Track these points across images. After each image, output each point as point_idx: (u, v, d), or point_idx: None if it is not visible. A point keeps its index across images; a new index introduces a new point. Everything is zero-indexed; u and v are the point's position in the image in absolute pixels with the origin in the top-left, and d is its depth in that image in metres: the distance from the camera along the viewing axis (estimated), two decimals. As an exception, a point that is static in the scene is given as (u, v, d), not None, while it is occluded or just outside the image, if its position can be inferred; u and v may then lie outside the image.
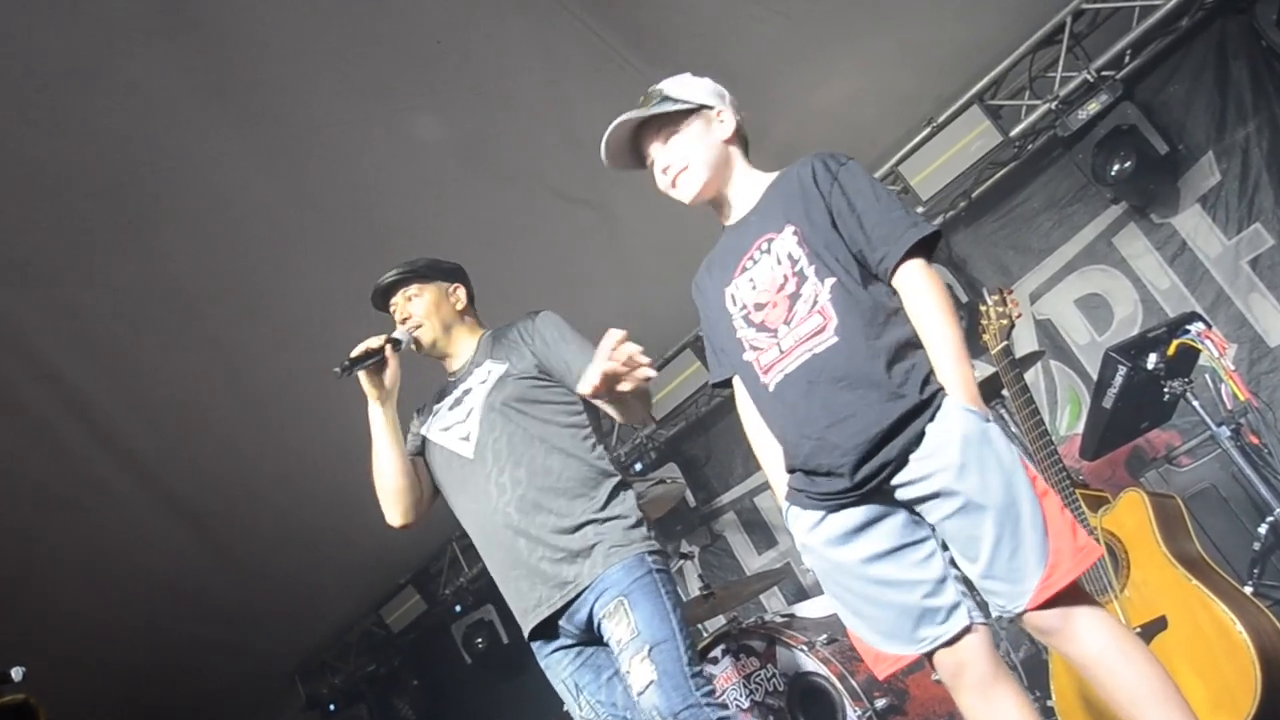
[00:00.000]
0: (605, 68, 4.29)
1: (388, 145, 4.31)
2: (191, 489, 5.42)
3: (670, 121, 2.28)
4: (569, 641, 2.61)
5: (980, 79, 4.91)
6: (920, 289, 2.01)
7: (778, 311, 2.12)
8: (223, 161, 4.08)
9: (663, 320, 5.83)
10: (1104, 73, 4.68)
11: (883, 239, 2.03)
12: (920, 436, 1.94)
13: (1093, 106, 4.64)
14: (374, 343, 2.69)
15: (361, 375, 2.67)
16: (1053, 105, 4.80)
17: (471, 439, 2.68)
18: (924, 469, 1.94)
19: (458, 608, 7.37)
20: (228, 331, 4.77)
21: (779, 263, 2.13)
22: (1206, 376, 4.09)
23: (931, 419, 1.94)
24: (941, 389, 1.96)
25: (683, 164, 2.26)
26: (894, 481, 1.98)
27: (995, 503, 1.88)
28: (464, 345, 2.87)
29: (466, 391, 2.75)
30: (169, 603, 5.97)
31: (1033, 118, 4.90)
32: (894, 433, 1.96)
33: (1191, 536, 3.28)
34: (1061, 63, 4.80)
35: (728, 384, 2.31)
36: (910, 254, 2.02)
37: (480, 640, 7.22)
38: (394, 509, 2.77)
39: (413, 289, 2.89)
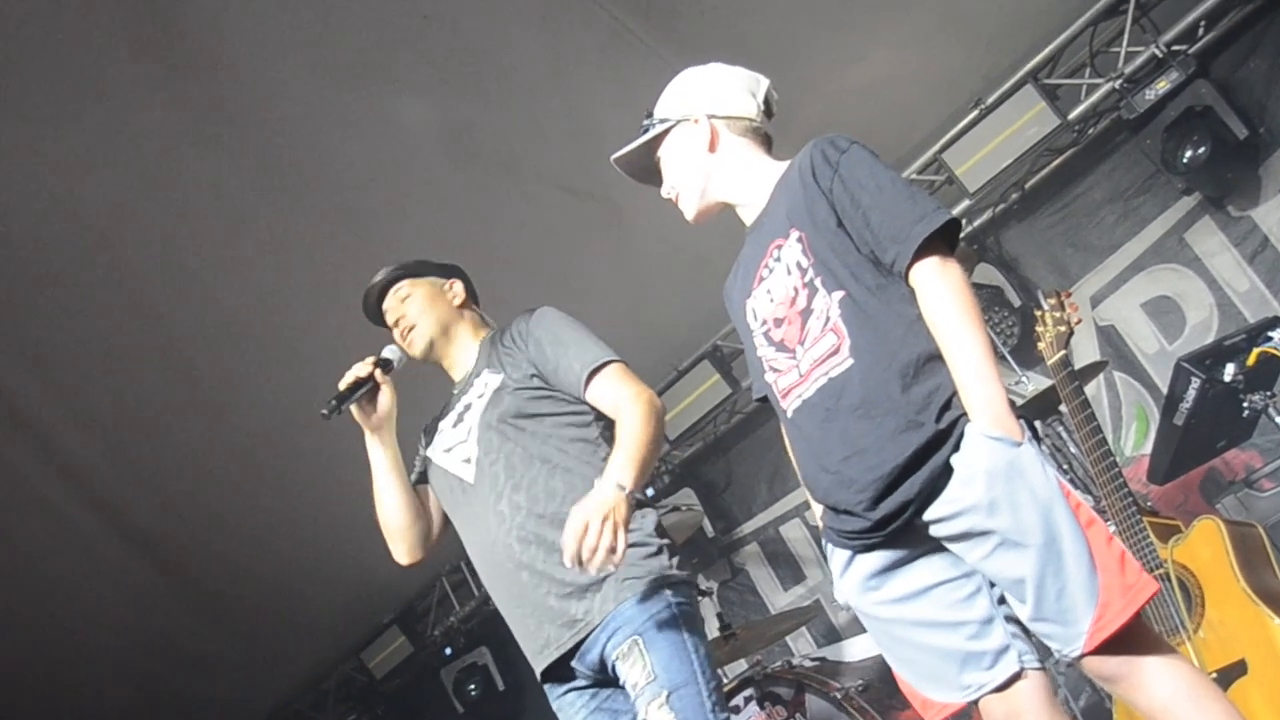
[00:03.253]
0: (612, 44, 4.31)
1: (369, 132, 4.33)
2: (149, 518, 5.43)
3: (656, 145, 2.39)
4: (583, 683, 2.60)
5: (1035, 54, 4.91)
6: (934, 293, 1.97)
7: (793, 329, 2.12)
8: (180, 151, 4.11)
9: (676, 326, 5.83)
10: (1175, 47, 4.68)
11: (892, 237, 2.00)
12: (944, 470, 1.92)
13: (1162, 85, 4.63)
14: (361, 370, 2.71)
15: (353, 409, 2.70)
16: (1117, 84, 4.80)
17: (472, 461, 2.68)
18: (951, 508, 1.93)
19: (448, 651, 7.37)
20: (186, 341, 4.78)
21: (789, 273, 2.13)
22: (1291, 389, 4.08)
23: (956, 448, 1.92)
24: (964, 414, 1.93)
25: (674, 191, 2.37)
26: (924, 518, 1.97)
27: (1034, 540, 1.87)
28: (465, 349, 2.88)
29: (467, 407, 2.76)
30: (127, 646, 5.99)
31: (1094, 98, 4.89)
32: (912, 467, 1.94)
33: (1275, 570, 3.27)
34: (1127, 36, 4.80)
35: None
36: (923, 251, 1.98)
37: (473, 687, 7.21)
38: (400, 546, 2.82)
39: (404, 288, 2.89)
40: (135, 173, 4.13)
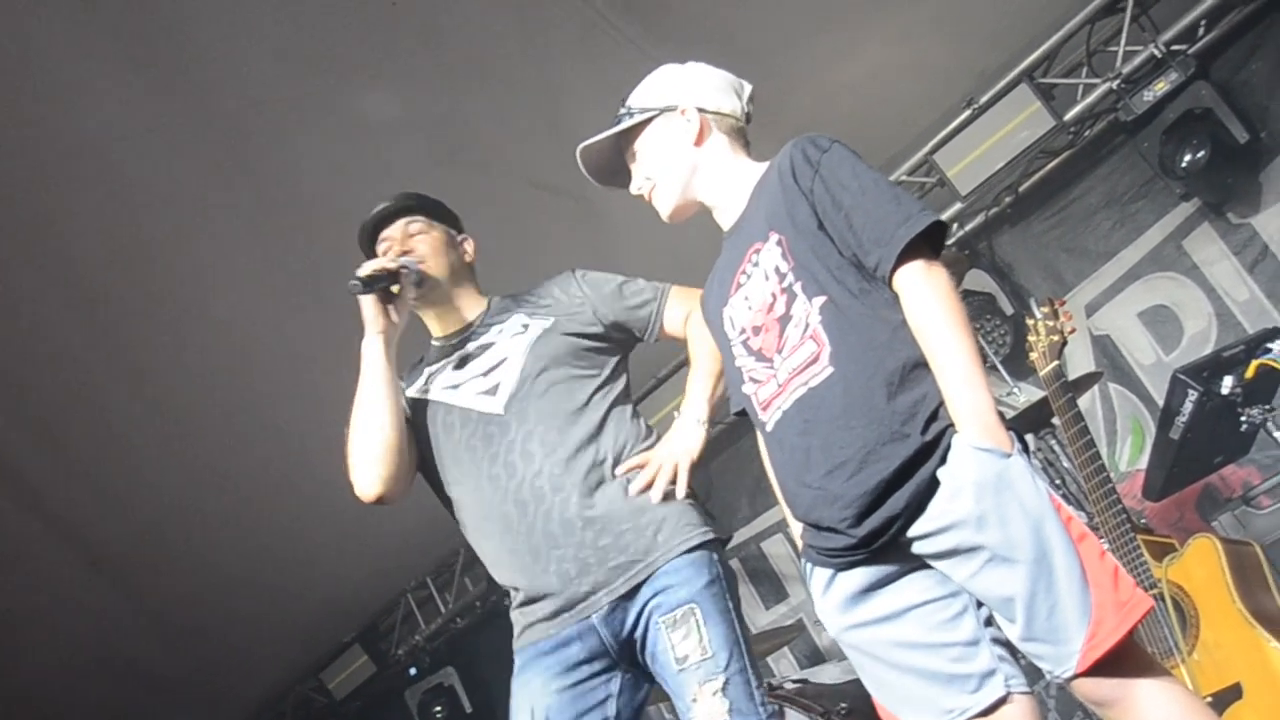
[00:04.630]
0: (591, 36, 4.31)
1: (336, 125, 4.31)
2: (102, 533, 5.39)
3: (633, 136, 2.36)
4: (577, 656, 2.48)
5: (1030, 52, 4.94)
6: (919, 298, 1.96)
7: (771, 337, 2.11)
8: (137, 140, 4.08)
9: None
10: (1174, 47, 4.71)
11: (875, 240, 1.99)
12: (931, 484, 1.92)
13: (1161, 86, 4.66)
14: (390, 263, 2.61)
15: (369, 298, 2.58)
16: (1114, 85, 4.83)
17: (502, 392, 2.58)
18: (937, 523, 1.92)
19: (412, 670, 7.35)
20: (139, 345, 4.76)
21: (767, 278, 2.12)
22: (1291, 403, 4.11)
23: (942, 461, 1.92)
24: (951, 425, 1.93)
25: (650, 182, 2.35)
26: (908, 534, 1.97)
27: (1025, 556, 1.87)
28: (468, 303, 2.80)
29: (485, 346, 2.68)
30: (81, 668, 5.94)
31: (1090, 99, 4.92)
32: (899, 481, 1.93)
33: (1272, 590, 3.29)
34: (1125, 35, 4.83)
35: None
36: (908, 255, 1.97)
37: (439, 709, 7.20)
38: (373, 472, 2.57)
39: (418, 222, 2.79)
40: (90, 165, 4.10)
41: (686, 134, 2.31)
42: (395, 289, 2.63)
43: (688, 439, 2.54)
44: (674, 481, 2.47)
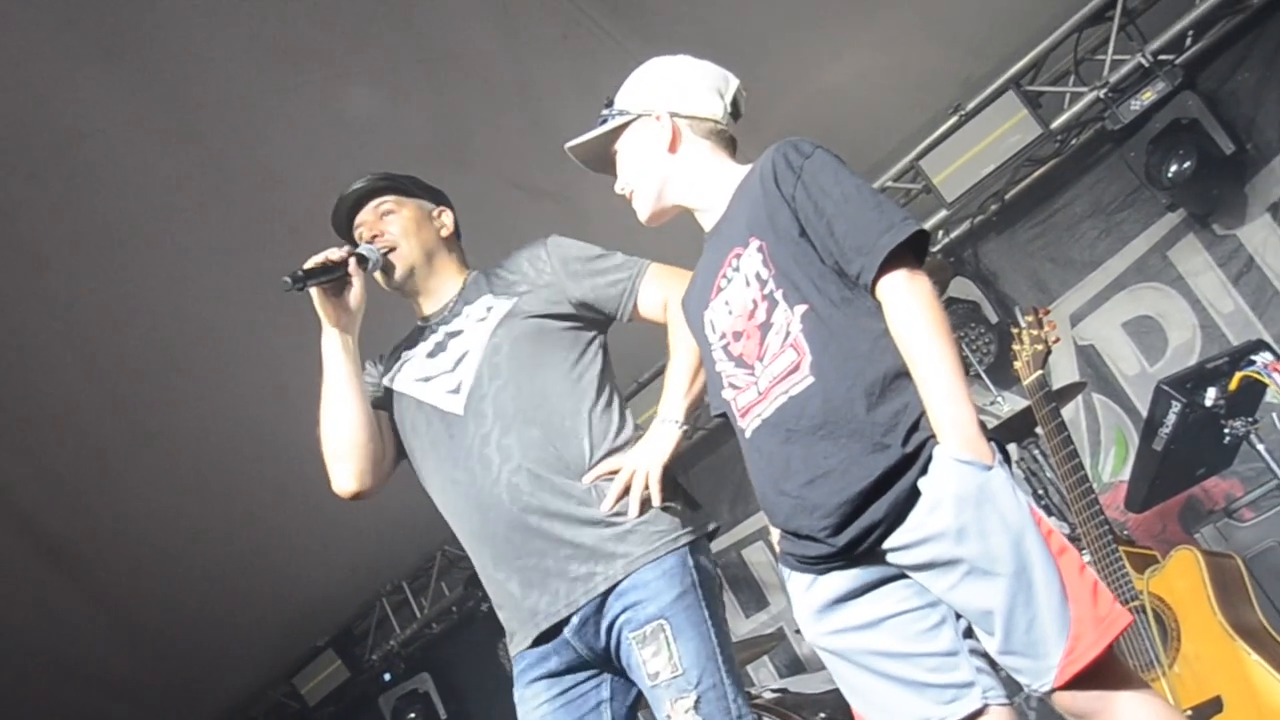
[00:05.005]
0: (573, 34, 4.31)
1: (310, 121, 4.30)
2: (56, 523, 5.34)
3: (613, 138, 2.37)
4: (557, 666, 2.47)
5: (1017, 59, 4.96)
6: (901, 307, 1.96)
7: (752, 344, 2.11)
8: (104, 135, 4.06)
9: (635, 338, 5.82)
10: (1162, 57, 4.74)
11: (856, 248, 1.99)
12: (911, 494, 1.92)
13: (1148, 96, 4.69)
14: (335, 254, 2.54)
15: (315, 293, 2.50)
16: (1101, 93, 4.86)
17: (463, 390, 2.53)
18: (916, 534, 1.93)
19: (387, 676, 7.32)
20: (107, 344, 4.73)
21: (748, 284, 2.12)
22: (1274, 416, 4.14)
23: (923, 472, 1.92)
24: (932, 436, 1.93)
25: (628, 188, 2.36)
26: (885, 546, 1.98)
27: (1004, 569, 1.87)
28: (447, 283, 2.73)
29: (454, 334, 2.62)
30: (46, 673, 5.89)
31: (1077, 107, 4.95)
32: (878, 491, 1.93)
33: (1253, 603, 3.31)
34: (1112, 43, 4.86)
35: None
36: (890, 263, 1.97)
37: (414, 715, 7.18)
38: (347, 467, 2.56)
39: (387, 203, 2.72)
40: (58, 159, 4.08)
41: (660, 141, 2.30)
42: (355, 270, 2.55)
43: (659, 443, 2.46)
44: (648, 487, 2.40)
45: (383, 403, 2.68)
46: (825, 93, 4.84)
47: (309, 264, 2.49)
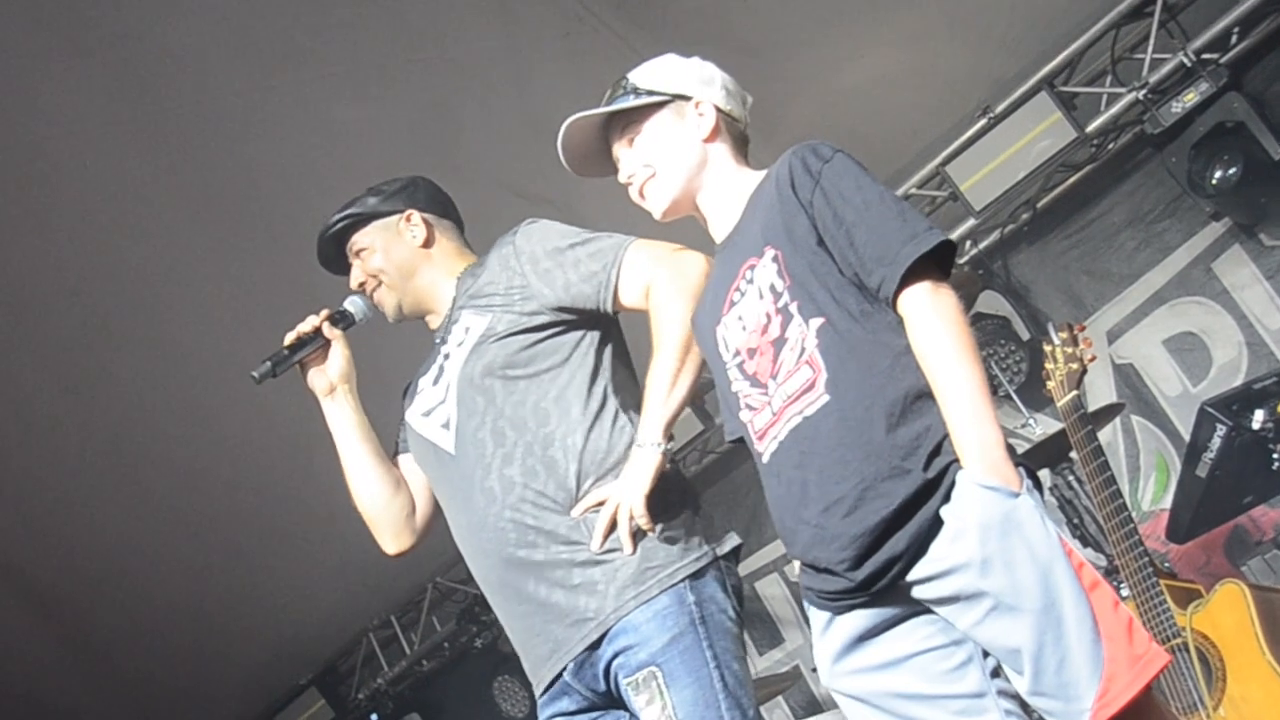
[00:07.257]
0: (576, 31, 4.33)
1: (297, 122, 4.32)
2: (28, 560, 5.35)
3: (635, 118, 2.32)
4: (572, 706, 2.49)
5: (1050, 59, 4.95)
6: (924, 322, 1.96)
7: (765, 361, 2.10)
8: (80, 135, 4.08)
9: (637, 352, 5.83)
10: (1205, 56, 4.73)
11: (877, 259, 1.98)
12: (934, 523, 1.91)
13: (1190, 97, 4.68)
14: (306, 325, 2.59)
15: (298, 369, 2.58)
16: (1140, 95, 4.84)
17: (451, 426, 2.55)
18: (939, 566, 1.92)
19: (374, 717, 7.29)
20: (77, 365, 4.74)
21: (761, 297, 2.11)
22: (1327, 440, 4.12)
23: (946, 499, 1.91)
24: (955, 460, 1.92)
25: (649, 171, 2.29)
26: (908, 579, 1.97)
27: (1031, 604, 1.86)
28: (440, 291, 2.73)
29: (446, 358, 2.62)
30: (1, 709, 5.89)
31: (1115, 110, 4.94)
32: (900, 520, 1.92)
33: (1306, 643, 3.29)
34: (1152, 41, 4.85)
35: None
36: (913, 275, 1.96)
37: (401, 760, 7.16)
38: (382, 534, 2.69)
39: (356, 242, 2.72)
40: (33, 165, 4.10)
41: (698, 127, 2.29)
42: (331, 333, 2.62)
43: (637, 472, 2.38)
44: (634, 519, 2.34)
45: (408, 444, 2.74)
46: (845, 94, 4.85)
47: (287, 340, 2.57)
